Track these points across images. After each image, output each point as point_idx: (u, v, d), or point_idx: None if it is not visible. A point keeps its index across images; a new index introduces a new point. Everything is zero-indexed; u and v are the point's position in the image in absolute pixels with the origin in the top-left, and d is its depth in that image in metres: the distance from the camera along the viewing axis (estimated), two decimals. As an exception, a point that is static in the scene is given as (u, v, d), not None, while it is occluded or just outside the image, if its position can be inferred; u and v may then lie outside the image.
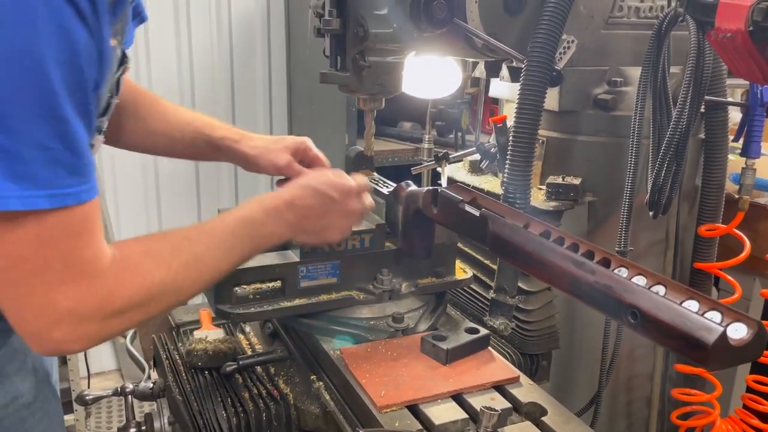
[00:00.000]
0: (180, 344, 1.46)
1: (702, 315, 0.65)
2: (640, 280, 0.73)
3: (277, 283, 1.20)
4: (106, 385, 3.34)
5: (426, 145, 2.13)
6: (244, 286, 1.18)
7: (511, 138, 1.21)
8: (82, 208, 0.87)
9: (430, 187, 1.11)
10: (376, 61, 1.27)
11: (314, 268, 1.21)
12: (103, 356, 3.44)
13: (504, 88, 1.60)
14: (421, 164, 1.92)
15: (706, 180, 1.44)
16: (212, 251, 1.00)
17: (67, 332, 0.87)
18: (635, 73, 1.45)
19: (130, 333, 1.69)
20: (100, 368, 3.42)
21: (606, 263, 0.78)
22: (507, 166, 1.21)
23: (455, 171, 1.66)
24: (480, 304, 1.45)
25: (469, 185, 1.60)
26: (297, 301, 1.19)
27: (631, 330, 0.71)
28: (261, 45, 3.47)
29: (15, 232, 0.83)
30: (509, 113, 1.59)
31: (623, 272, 0.76)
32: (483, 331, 1.15)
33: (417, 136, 3.10)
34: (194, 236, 1.00)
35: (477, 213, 0.96)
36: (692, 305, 0.67)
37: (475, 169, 1.62)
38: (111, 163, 3.24)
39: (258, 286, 1.19)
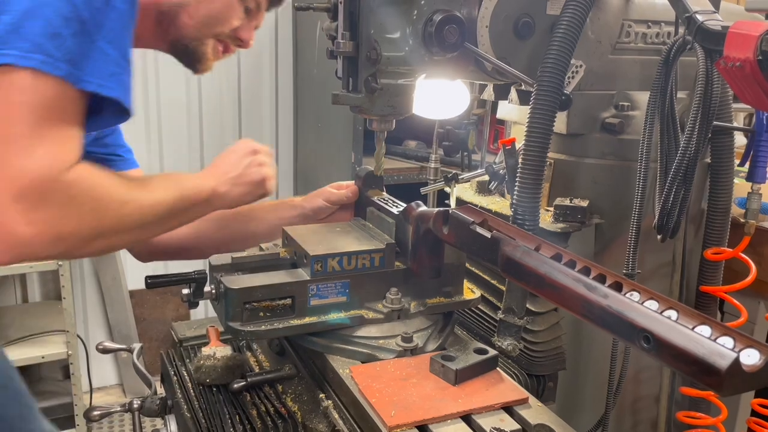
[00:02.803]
0: (187, 360, 1.47)
1: (714, 340, 0.66)
2: (652, 305, 0.74)
3: (287, 301, 1.21)
4: (107, 399, 3.33)
5: (432, 165, 2.14)
6: (254, 304, 1.19)
7: (520, 160, 1.22)
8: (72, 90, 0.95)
9: (441, 208, 1.12)
10: (388, 84, 1.29)
11: (324, 287, 1.22)
12: (105, 370, 3.43)
13: (512, 110, 1.62)
14: (429, 184, 1.94)
15: (712, 204, 1.46)
16: (145, 187, 1.12)
17: (29, 207, 0.91)
18: (642, 97, 1.47)
19: (137, 348, 1.69)
20: (102, 383, 3.42)
21: (618, 287, 0.79)
22: (516, 188, 1.23)
23: (463, 191, 1.68)
24: (487, 324, 1.46)
25: (476, 205, 1.61)
26: (307, 320, 1.20)
27: (644, 354, 0.71)
28: (268, 64, 3.51)
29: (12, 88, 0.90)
30: (517, 135, 1.60)
31: (635, 296, 0.77)
32: (492, 352, 1.15)
33: (422, 155, 3.12)
34: (126, 180, 1.13)
35: (488, 235, 0.97)
36: (704, 330, 0.68)
37: (482, 189, 1.64)
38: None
39: (268, 303, 1.20)
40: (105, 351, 1.70)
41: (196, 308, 1.26)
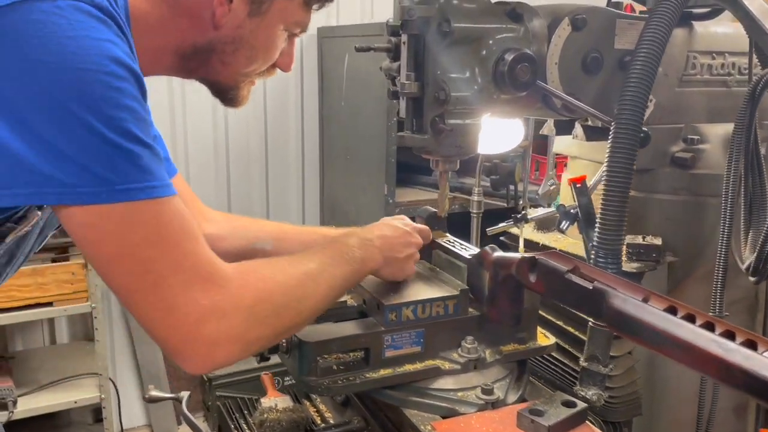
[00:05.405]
0: (246, 412, 1.42)
1: None
2: (798, 366, 0.68)
3: (360, 353, 1.16)
4: (137, 442, 3.26)
5: (476, 198, 2.10)
6: (326, 356, 1.14)
7: (602, 201, 1.18)
8: (179, 202, 0.91)
9: (527, 255, 1.07)
10: (455, 124, 1.25)
11: (399, 337, 1.17)
12: (133, 412, 3.36)
13: (571, 145, 1.58)
14: (471, 216, 1.89)
15: (788, 238, 1.40)
16: (325, 265, 1.08)
17: (215, 328, 0.90)
18: (710, 130, 1.43)
19: (185, 396, 1.63)
20: (130, 424, 3.35)
21: (752, 345, 0.73)
22: (597, 229, 1.18)
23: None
24: (558, 371, 1.40)
25: (538, 243, 1.56)
26: (382, 372, 1.15)
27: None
28: (294, 97, 3.50)
29: (137, 231, 0.85)
30: (575, 170, 1.56)
31: (775, 356, 0.71)
32: (581, 405, 1.09)
33: (454, 185, 3.08)
34: (301, 255, 1.09)
35: (590, 286, 0.92)
36: None
37: (542, 226, 1.59)
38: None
39: (340, 356, 1.15)
40: (152, 400, 1.65)
41: (267, 362, 1.21)
